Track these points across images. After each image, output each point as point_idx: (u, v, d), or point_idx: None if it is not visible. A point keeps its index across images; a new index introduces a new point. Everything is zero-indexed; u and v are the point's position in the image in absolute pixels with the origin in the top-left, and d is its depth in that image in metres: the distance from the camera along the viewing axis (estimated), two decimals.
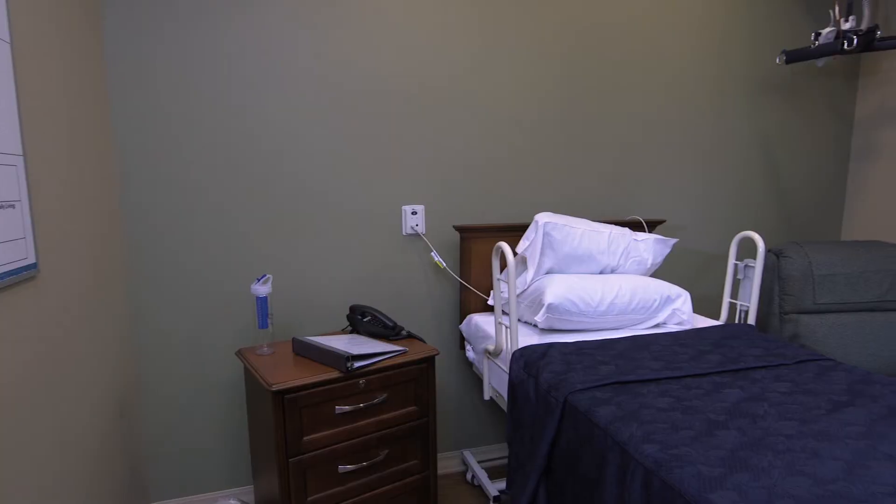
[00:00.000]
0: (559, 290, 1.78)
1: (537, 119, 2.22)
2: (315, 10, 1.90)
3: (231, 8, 1.81)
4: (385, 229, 2.09)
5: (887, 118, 2.59)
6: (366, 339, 1.83)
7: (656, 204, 2.45)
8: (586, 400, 1.32)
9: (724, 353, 1.62)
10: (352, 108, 1.99)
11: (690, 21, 2.36)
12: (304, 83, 1.92)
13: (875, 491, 0.93)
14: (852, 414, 1.23)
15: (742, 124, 2.53)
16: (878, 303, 2.43)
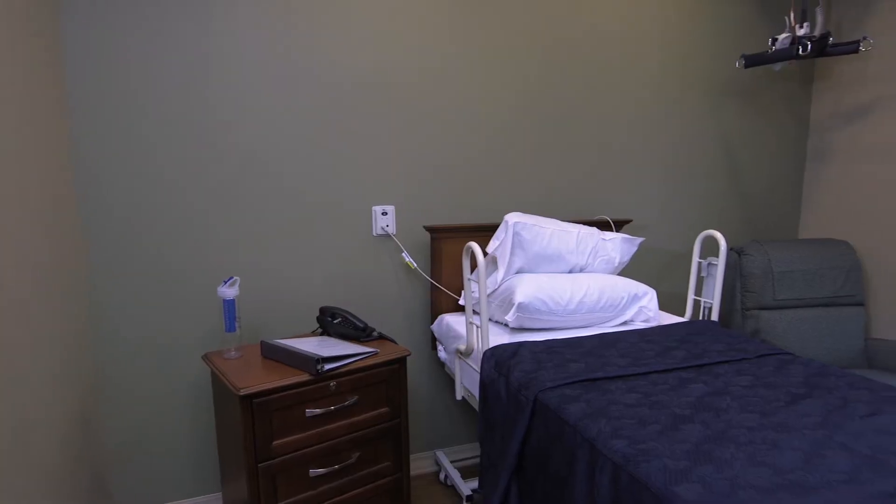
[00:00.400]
0: (529, 290, 1.80)
1: (507, 120, 2.23)
2: (285, 7, 1.87)
3: (201, 4, 1.77)
4: (355, 230, 2.07)
5: (840, 121, 2.70)
6: (336, 340, 1.81)
7: (623, 204, 2.50)
8: (556, 398, 1.33)
9: (688, 349, 1.66)
10: (322, 108, 1.96)
11: (657, 27, 2.42)
12: (274, 82, 1.89)
13: (830, 479, 0.97)
14: (809, 405, 1.28)
15: (705, 127, 2.60)
16: (833, 298, 2.53)
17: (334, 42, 1.95)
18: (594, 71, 2.34)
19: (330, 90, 1.97)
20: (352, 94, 2.00)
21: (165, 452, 1.93)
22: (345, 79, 1.98)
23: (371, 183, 2.07)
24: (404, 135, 2.09)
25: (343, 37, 1.96)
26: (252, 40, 1.85)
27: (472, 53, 2.14)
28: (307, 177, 1.98)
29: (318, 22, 1.92)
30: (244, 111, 1.87)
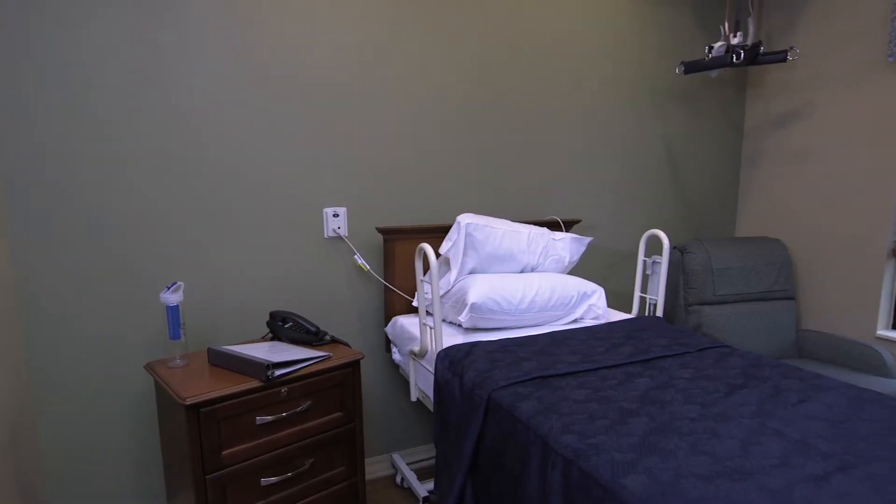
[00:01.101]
0: (482, 290, 1.82)
1: (458, 122, 2.25)
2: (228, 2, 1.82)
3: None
4: (306, 232, 2.03)
5: (771, 126, 2.87)
6: (288, 345, 1.77)
7: (572, 204, 2.57)
8: (509, 396, 1.35)
9: (635, 345, 1.72)
10: (271, 107, 1.92)
11: (607, 34, 2.49)
12: (220, 79, 1.83)
13: (765, 464, 1.03)
14: (745, 395, 1.35)
15: (650, 131, 2.70)
16: (768, 293, 2.68)
17: (282, 40, 1.91)
18: (545, 75, 2.39)
19: (279, 89, 1.92)
20: (301, 94, 1.96)
21: (107, 465, 1.84)
22: (294, 78, 1.94)
23: (322, 184, 2.04)
24: (356, 136, 2.07)
25: (291, 35, 1.92)
26: (198, 36, 1.79)
27: (422, 55, 2.14)
28: (255, 177, 1.93)
29: (266, 18, 1.88)
30: (188, 107, 1.81)
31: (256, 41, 1.87)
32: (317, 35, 1.96)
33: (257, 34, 1.87)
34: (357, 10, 2.01)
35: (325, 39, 1.97)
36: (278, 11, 1.89)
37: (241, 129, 1.89)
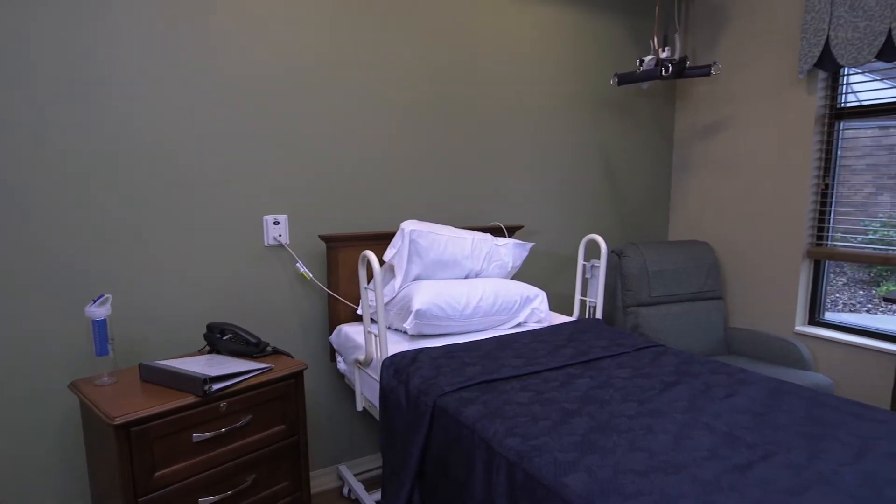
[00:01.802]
0: (427, 297, 1.82)
1: (401, 129, 2.25)
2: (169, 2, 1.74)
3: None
4: (245, 240, 1.97)
5: (698, 136, 3.04)
6: (227, 358, 1.71)
7: (515, 211, 2.62)
8: (454, 401, 1.36)
9: (576, 347, 1.77)
10: (207, 110, 1.85)
11: (544, 45, 2.56)
12: (151, 79, 1.75)
13: (696, 457, 1.08)
14: (678, 392, 1.42)
15: (588, 140, 2.80)
16: (698, 293, 2.83)
17: (220, 39, 1.85)
18: (489, 84, 2.43)
19: (216, 91, 1.86)
20: (240, 96, 1.90)
21: (28, 494, 1.70)
22: (232, 80, 1.88)
23: (262, 191, 1.98)
24: (297, 142, 2.03)
25: (229, 33, 1.86)
26: (128, 31, 1.70)
27: (367, 61, 2.13)
28: (190, 183, 1.85)
29: (203, 14, 1.81)
30: (119, 107, 1.72)
31: (191, 39, 1.81)
32: (256, 34, 1.91)
33: (193, 31, 1.81)
34: (300, 10, 1.98)
35: (265, 39, 1.93)
36: (215, 8, 1.83)
37: (176, 132, 1.81)
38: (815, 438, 1.16)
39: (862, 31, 2.25)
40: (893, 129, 2.39)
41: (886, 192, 2.44)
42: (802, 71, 2.46)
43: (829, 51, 2.37)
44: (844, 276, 4.28)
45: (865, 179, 2.50)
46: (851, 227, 2.53)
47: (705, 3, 2.92)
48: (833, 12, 2.34)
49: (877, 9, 2.20)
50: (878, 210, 2.47)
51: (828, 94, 2.54)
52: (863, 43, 2.25)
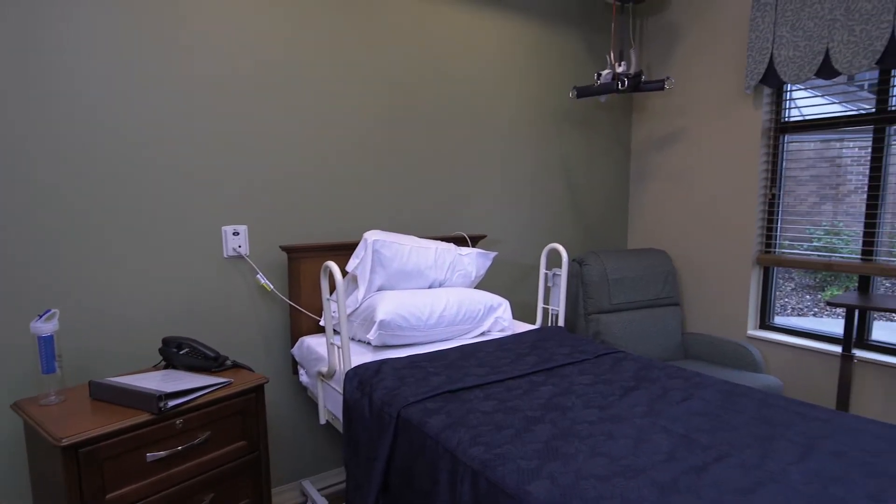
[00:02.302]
0: (390, 307, 1.82)
1: (367, 138, 2.24)
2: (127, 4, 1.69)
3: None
4: (203, 252, 1.92)
5: (653, 147, 3.14)
6: (183, 373, 1.66)
7: (478, 220, 2.64)
8: (418, 412, 1.36)
9: (539, 354, 1.79)
10: (162, 115, 1.80)
11: (508, 59, 2.61)
12: (102, 82, 1.70)
13: (655, 460, 1.11)
14: (637, 397, 1.45)
15: (550, 151, 2.86)
16: (656, 300, 2.91)
17: (175, 40, 1.81)
18: (453, 95, 2.45)
19: (171, 97, 1.82)
20: (196, 103, 1.86)
21: None
22: (188, 86, 1.84)
23: (220, 201, 1.94)
24: (257, 151, 2.00)
25: (185, 35, 1.82)
26: (80, 33, 1.65)
27: (329, 68, 2.12)
28: (145, 192, 1.80)
29: (159, 17, 1.77)
30: (67, 111, 1.65)
31: (147, 46, 1.76)
32: (214, 41, 1.88)
33: (148, 38, 1.76)
34: (261, 17, 1.95)
35: (223, 46, 1.89)
36: (171, 15, 1.79)
37: (128, 138, 1.76)
38: (766, 439, 1.21)
39: (802, 51, 2.38)
40: (834, 143, 2.53)
41: (828, 201, 2.57)
42: (749, 86, 2.58)
43: (773, 68, 2.49)
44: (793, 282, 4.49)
45: (810, 189, 2.64)
46: (797, 234, 2.66)
47: (658, 20, 3.04)
48: (776, 32, 2.46)
49: (815, 30, 2.33)
50: (821, 218, 2.60)
51: (773, 109, 2.67)
52: (803, 61, 2.38)
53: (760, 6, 2.51)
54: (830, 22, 2.28)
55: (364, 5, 2.18)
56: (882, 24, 2.14)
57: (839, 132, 2.49)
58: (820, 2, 2.31)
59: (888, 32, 2.12)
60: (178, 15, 1.80)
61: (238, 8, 1.91)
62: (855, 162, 2.48)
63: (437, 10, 2.38)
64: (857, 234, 2.43)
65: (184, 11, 1.81)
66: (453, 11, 2.43)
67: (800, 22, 2.38)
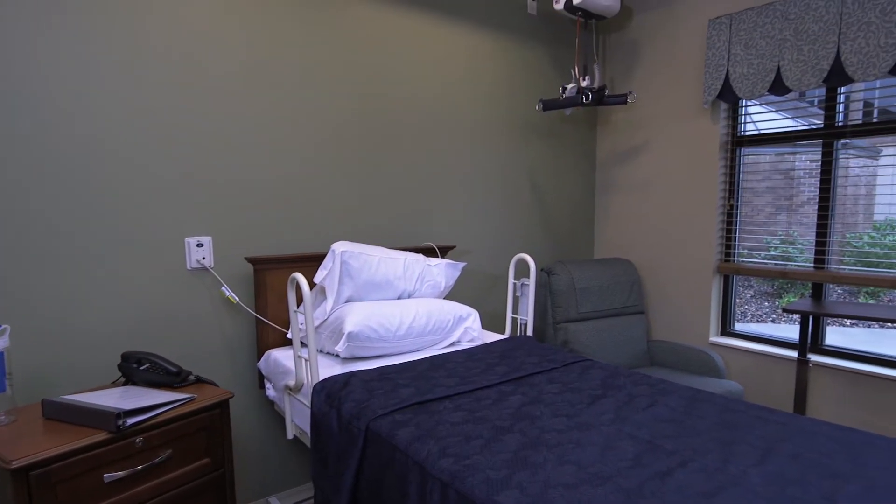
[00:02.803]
0: (359, 318, 1.80)
1: (336, 148, 2.23)
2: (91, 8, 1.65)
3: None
4: (166, 264, 1.87)
5: (618, 159, 3.22)
6: (144, 389, 1.60)
7: (447, 231, 2.65)
8: (387, 424, 1.34)
9: (508, 364, 1.80)
10: (122, 122, 1.76)
11: (477, 70, 2.64)
12: (60, 91, 1.64)
13: (621, 466, 1.12)
14: (604, 404, 1.47)
15: (516, 162, 2.90)
16: (622, 308, 2.97)
17: (136, 43, 1.77)
18: (423, 105, 2.47)
19: (133, 105, 1.77)
20: (158, 111, 1.82)
21: None
22: (149, 93, 1.80)
23: (183, 211, 1.90)
24: (222, 159, 1.96)
25: (148, 48, 1.79)
26: (43, 41, 1.59)
27: (293, 76, 2.11)
28: (103, 202, 1.74)
29: (122, 31, 1.73)
30: (20, 115, 1.59)
31: (103, 52, 1.72)
32: (175, 47, 1.84)
33: (107, 44, 1.72)
34: (223, 23, 1.93)
35: (184, 50, 1.86)
36: (130, 20, 1.75)
37: (86, 146, 1.70)
38: (727, 443, 1.24)
39: (755, 68, 2.49)
40: (787, 156, 2.64)
41: (783, 212, 2.68)
42: (706, 101, 2.68)
43: (728, 84, 2.59)
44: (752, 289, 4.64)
45: (766, 200, 2.74)
46: (755, 244, 2.76)
47: (620, 37, 3.13)
48: (731, 50, 2.57)
49: (767, 49, 2.44)
50: (777, 228, 2.71)
51: (729, 123, 2.77)
52: (756, 78, 2.49)
53: (716, 25, 2.62)
54: (781, 42, 2.40)
55: (331, 15, 2.18)
56: (828, 45, 2.25)
57: (792, 146, 2.60)
58: (771, 22, 2.42)
59: (833, 53, 2.24)
60: (139, 24, 1.77)
61: (201, 18, 1.88)
62: (807, 174, 2.59)
63: (403, 22, 2.40)
64: (811, 243, 2.54)
65: (146, 22, 1.78)
66: (420, 24, 2.45)
67: (753, 41, 2.49)
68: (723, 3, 2.66)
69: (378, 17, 2.31)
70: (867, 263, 2.39)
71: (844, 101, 2.44)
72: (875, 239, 2.67)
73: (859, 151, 3.07)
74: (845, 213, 2.47)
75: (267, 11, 2.02)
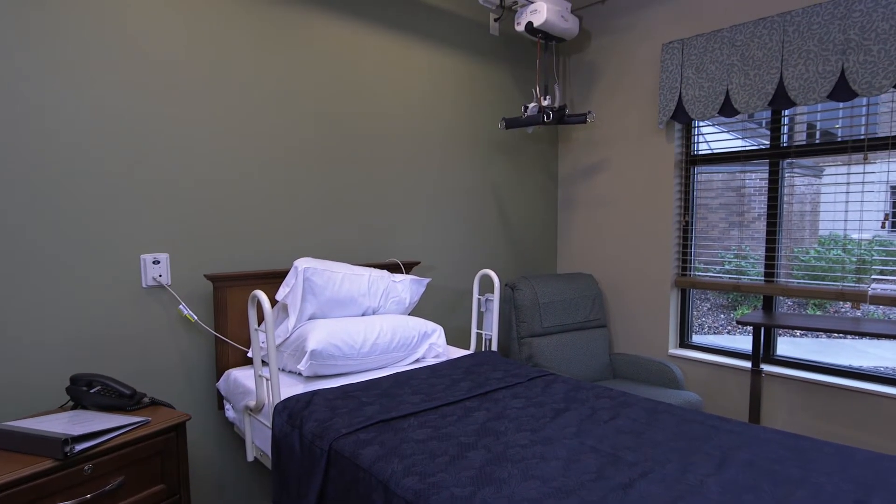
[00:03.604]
0: (322, 336, 1.78)
1: (299, 162, 2.22)
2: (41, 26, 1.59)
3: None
4: (119, 281, 1.81)
5: (579, 176, 3.30)
6: (94, 413, 1.53)
7: (412, 247, 2.65)
8: (351, 444, 1.32)
9: (473, 380, 1.80)
10: (71, 132, 1.70)
11: (443, 88, 2.67)
12: (12, 91, 1.58)
13: (584, 479, 1.14)
14: (567, 418, 1.49)
15: (480, 179, 2.93)
16: (585, 322, 3.02)
17: (88, 57, 1.72)
18: (388, 121, 2.48)
19: (84, 114, 1.72)
20: (110, 120, 1.77)
21: None
22: (101, 101, 1.75)
23: (139, 227, 1.84)
24: (180, 173, 1.92)
25: (99, 54, 1.74)
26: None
27: (255, 89, 2.09)
28: (52, 216, 1.67)
29: (77, 36, 1.68)
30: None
31: (53, 56, 1.66)
32: (131, 57, 1.80)
33: (54, 50, 1.66)
34: (181, 35, 1.90)
35: (138, 58, 1.82)
36: (82, 30, 1.71)
37: (32, 154, 1.64)
38: (686, 452, 1.27)
39: (706, 91, 2.60)
40: (738, 174, 2.76)
41: (736, 227, 2.79)
42: (661, 122, 2.78)
43: (682, 105, 2.71)
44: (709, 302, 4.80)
45: (720, 216, 2.85)
46: (710, 258, 2.86)
47: (580, 59, 3.23)
48: (683, 73, 2.68)
49: (716, 73, 2.56)
50: (730, 243, 2.82)
51: (683, 143, 2.88)
52: (707, 100, 2.60)
53: (668, 50, 2.73)
54: (729, 66, 2.52)
55: (294, 30, 2.18)
56: (772, 70, 2.38)
57: (742, 164, 2.73)
58: (719, 48, 2.55)
59: (777, 78, 2.37)
60: (90, 31, 1.72)
61: (158, 27, 1.85)
62: (757, 192, 2.72)
63: (366, 40, 2.41)
64: (762, 257, 2.65)
65: (99, 30, 1.73)
66: (384, 41, 2.47)
67: (703, 65, 2.61)
68: (675, 28, 2.78)
69: (343, 34, 2.32)
70: (813, 277, 2.51)
71: (789, 123, 2.57)
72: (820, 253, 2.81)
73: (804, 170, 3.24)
74: (792, 228, 2.59)
75: (227, 28, 2.00)
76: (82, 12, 1.69)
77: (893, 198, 2.49)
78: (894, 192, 2.50)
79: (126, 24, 1.78)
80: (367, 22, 2.41)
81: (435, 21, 2.67)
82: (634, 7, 2.95)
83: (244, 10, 2.04)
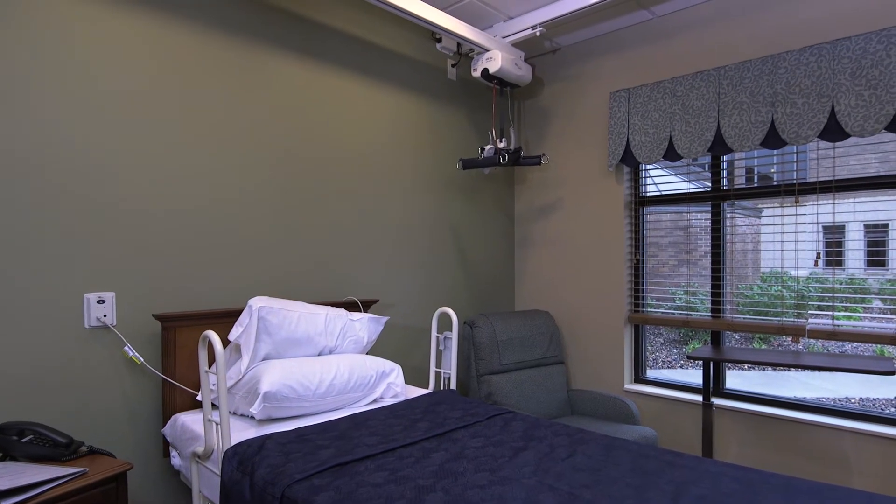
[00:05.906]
0: (276, 377, 1.73)
1: (255, 199, 2.19)
2: None
3: None
4: (59, 322, 1.72)
5: (534, 216, 3.39)
6: (25, 465, 1.43)
7: (370, 285, 2.64)
8: (304, 490, 1.28)
9: (431, 420, 1.78)
10: (10, 165, 1.64)
11: (398, 130, 2.73)
12: None
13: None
14: (526, 456, 1.49)
15: (438, 218, 2.97)
16: (543, 359, 3.04)
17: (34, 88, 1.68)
18: (347, 161, 2.50)
19: (24, 145, 1.66)
20: (52, 151, 1.72)
21: None
22: (43, 133, 1.70)
23: (82, 264, 1.77)
24: (127, 208, 1.87)
25: (47, 84, 1.70)
26: None
27: (212, 124, 2.07)
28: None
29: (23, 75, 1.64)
30: None
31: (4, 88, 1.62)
32: (81, 85, 1.77)
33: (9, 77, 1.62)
34: (142, 73, 1.88)
35: (90, 90, 1.79)
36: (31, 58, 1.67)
37: None
38: (641, 489, 1.29)
39: (651, 136, 2.76)
40: (685, 214, 2.90)
41: (684, 265, 2.91)
42: (611, 164, 2.91)
43: (629, 150, 2.85)
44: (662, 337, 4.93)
45: (669, 254, 2.97)
46: (662, 294, 2.96)
47: (534, 104, 3.37)
48: (630, 120, 2.84)
49: (660, 120, 2.72)
50: (680, 280, 2.93)
51: (632, 185, 3.02)
52: (653, 145, 2.75)
53: (616, 98, 2.89)
54: (671, 115, 2.68)
55: (254, 71, 2.20)
56: (710, 119, 2.55)
57: (687, 205, 2.87)
58: (662, 97, 2.71)
59: (714, 126, 2.54)
60: (34, 53, 1.69)
61: (117, 66, 1.83)
62: (702, 231, 2.85)
63: (327, 82, 2.45)
64: (709, 293, 2.77)
65: (43, 53, 1.70)
66: (345, 83, 2.52)
67: (648, 113, 2.77)
68: (622, 77, 2.95)
69: (299, 76, 2.36)
70: (757, 312, 2.63)
71: (728, 167, 2.74)
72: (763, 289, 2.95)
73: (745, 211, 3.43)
74: (735, 266, 2.73)
75: (189, 66, 2.00)
76: (30, 34, 1.66)
77: (824, 238, 2.67)
78: (825, 232, 2.68)
79: (74, 51, 1.75)
80: (328, 63, 2.45)
81: (395, 65, 2.74)
82: (584, 57, 3.12)
83: (199, 47, 2.05)
